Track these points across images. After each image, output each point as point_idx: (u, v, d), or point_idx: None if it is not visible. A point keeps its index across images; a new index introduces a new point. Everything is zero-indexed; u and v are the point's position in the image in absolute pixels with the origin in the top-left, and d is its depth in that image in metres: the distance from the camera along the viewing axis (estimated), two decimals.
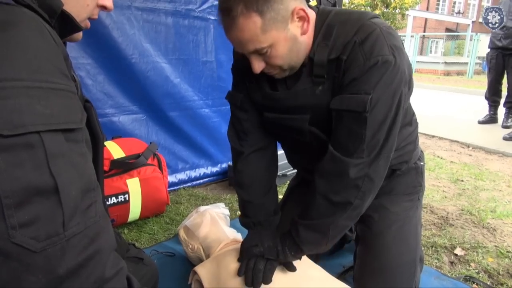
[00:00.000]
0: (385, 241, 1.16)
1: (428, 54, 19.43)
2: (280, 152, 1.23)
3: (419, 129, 1.21)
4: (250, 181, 1.14)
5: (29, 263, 0.43)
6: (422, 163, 1.24)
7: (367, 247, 1.19)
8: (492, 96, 4.55)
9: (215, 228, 1.41)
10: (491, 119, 4.64)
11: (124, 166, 1.75)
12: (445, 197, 2.35)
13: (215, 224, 1.43)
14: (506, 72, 4.27)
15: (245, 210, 1.16)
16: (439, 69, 14.26)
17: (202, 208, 1.53)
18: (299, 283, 1.04)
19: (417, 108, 1.33)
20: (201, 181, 2.44)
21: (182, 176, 2.35)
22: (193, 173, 2.40)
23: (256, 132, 1.13)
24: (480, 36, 12.79)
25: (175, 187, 2.30)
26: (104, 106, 2.00)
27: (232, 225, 1.54)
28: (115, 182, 1.71)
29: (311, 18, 0.91)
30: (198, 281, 1.17)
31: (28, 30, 0.48)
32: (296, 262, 1.06)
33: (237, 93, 1.11)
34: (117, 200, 1.70)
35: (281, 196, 1.47)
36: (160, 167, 1.90)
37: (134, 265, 1.03)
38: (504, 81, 4.35)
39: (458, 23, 22.61)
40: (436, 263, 1.58)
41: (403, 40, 15.39)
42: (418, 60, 14.80)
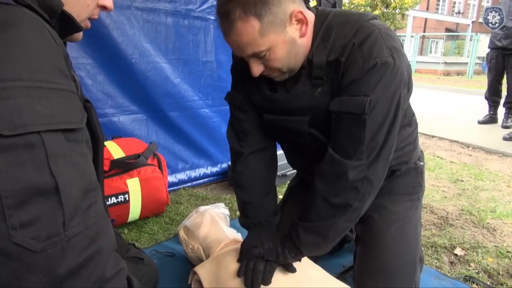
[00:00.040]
0: (385, 241, 1.16)
1: (428, 54, 19.41)
2: (280, 152, 1.23)
3: (419, 129, 1.21)
4: (250, 182, 1.14)
5: (30, 263, 0.43)
6: (422, 163, 1.24)
7: (367, 247, 1.19)
8: (492, 96, 4.55)
9: (215, 228, 1.41)
10: (491, 119, 4.64)
11: (124, 166, 1.75)
12: (445, 197, 2.35)
13: (215, 224, 1.43)
14: (506, 72, 4.27)
15: (245, 211, 1.16)
16: (439, 69, 14.26)
17: (202, 208, 1.53)
18: (299, 283, 1.04)
19: (417, 108, 1.33)
20: (201, 181, 2.44)
21: (182, 176, 2.35)
22: (193, 173, 2.40)
23: (256, 133, 1.13)
24: (480, 36, 12.80)
25: (175, 187, 2.30)
26: (104, 106, 2.00)
27: (232, 225, 1.54)
28: (115, 182, 1.71)
29: (310, 20, 0.91)
30: (198, 281, 1.17)
31: (28, 30, 0.48)
32: (296, 263, 1.06)
33: (237, 94, 1.11)
34: (117, 200, 1.70)
35: (281, 196, 1.47)
36: (160, 167, 1.90)
37: (134, 265, 1.03)
38: (504, 81, 4.35)
39: (458, 23, 22.62)
40: (436, 263, 1.58)
41: (403, 40, 15.42)
42: (418, 60, 14.79)
